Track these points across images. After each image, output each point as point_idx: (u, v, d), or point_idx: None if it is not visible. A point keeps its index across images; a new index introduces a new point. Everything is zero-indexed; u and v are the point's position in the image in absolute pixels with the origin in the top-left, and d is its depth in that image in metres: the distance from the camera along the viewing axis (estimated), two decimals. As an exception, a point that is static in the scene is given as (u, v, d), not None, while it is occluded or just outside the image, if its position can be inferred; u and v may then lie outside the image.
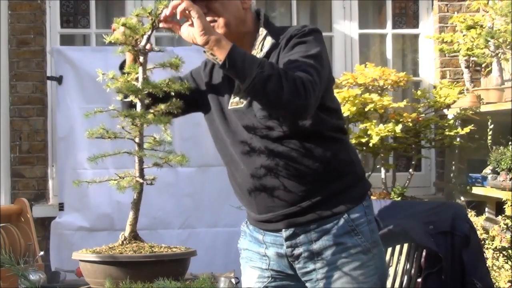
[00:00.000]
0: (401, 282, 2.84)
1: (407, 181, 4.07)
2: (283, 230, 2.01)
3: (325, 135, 1.98)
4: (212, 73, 2.12)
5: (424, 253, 2.83)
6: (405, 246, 2.87)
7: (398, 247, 2.85)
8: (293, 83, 1.79)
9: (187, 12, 1.82)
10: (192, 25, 1.83)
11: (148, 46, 1.86)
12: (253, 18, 2.05)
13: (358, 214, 2.00)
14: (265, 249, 2.07)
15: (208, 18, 1.96)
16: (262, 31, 2.02)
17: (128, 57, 1.95)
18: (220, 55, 1.81)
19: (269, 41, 2.00)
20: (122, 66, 2.00)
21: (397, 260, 2.85)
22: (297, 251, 2.00)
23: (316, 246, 1.98)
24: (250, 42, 2.02)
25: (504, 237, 3.56)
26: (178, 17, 1.84)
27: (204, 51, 1.93)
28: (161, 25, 1.87)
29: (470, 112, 3.94)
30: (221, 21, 1.96)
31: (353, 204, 2.00)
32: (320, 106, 1.94)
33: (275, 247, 2.04)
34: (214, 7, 1.96)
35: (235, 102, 2.01)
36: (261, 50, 1.99)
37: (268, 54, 1.98)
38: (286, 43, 1.96)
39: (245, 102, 1.98)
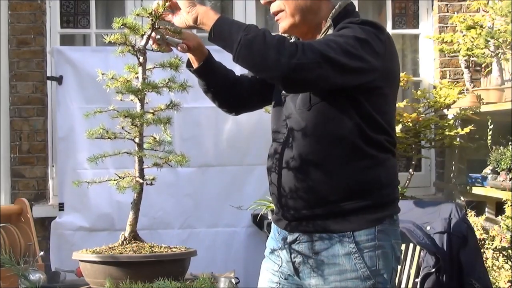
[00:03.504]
0: (399, 282, 2.84)
1: (407, 181, 4.07)
2: (288, 233, 1.95)
3: (357, 145, 1.83)
4: None
5: (422, 254, 2.83)
6: (403, 246, 2.87)
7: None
8: (280, 42, 1.68)
9: None
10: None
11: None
12: (329, 9, 1.91)
13: (366, 237, 1.83)
14: (279, 249, 2.00)
15: (275, 7, 1.92)
16: (327, 23, 1.89)
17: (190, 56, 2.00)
18: (209, 27, 1.78)
19: (330, 33, 1.87)
20: (188, 64, 2.04)
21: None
22: (297, 259, 1.92)
23: (313, 260, 1.88)
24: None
25: (504, 237, 3.56)
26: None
27: None
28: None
29: (470, 112, 3.94)
30: (287, 10, 1.89)
31: (362, 226, 1.83)
32: (360, 111, 1.82)
33: (284, 249, 1.98)
34: None
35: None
36: None
37: None
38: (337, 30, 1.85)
39: None
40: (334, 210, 1.85)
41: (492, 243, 3.56)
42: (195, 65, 2.05)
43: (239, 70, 1.99)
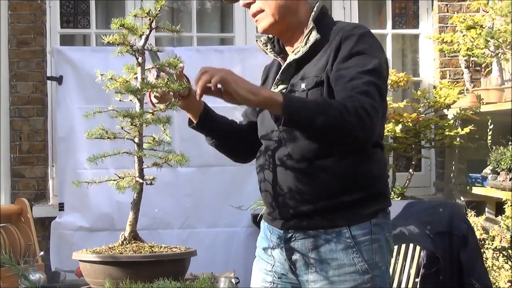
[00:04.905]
0: (399, 282, 2.84)
1: (407, 181, 4.07)
2: (283, 231, 1.96)
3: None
4: (268, 72, 2.12)
5: (422, 254, 2.82)
6: (403, 246, 2.87)
7: (395, 247, 2.85)
8: (357, 117, 1.71)
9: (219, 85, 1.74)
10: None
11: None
12: (307, 10, 1.96)
13: (362, 231, 1.87)
14: (271, 249, 2.02)
15: (255, 8, 1.95)
16: (310, 25, 1.93)
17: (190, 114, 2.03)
18: (275, 112, 1.74)
19: (314, 35, 1.91)
20: (190, 122, 2.06)
21: (395, 261, 2.85)
22: (294, 256, 1.94)
23: (311, 256, 1.90)
24: (301, 34, 1.95)
25: (504, 237, 3.56)
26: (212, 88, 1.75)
27: (256, 40, 2.05)
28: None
29: (470, 112, 3.94)
30: (268, 10, 1.92)
31: (358, 220, 1.87)
32: None
33: (277, 248, 1.99)
34: None
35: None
36: (305, 44, 1.91)
37: (312, 48, 1.90)
38: (338, 46, 1.86)
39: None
40: (330, 206, 1.88)
41: (492, 243, 3.57)
42: (195, 120, 2.06)
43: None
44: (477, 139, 4.06)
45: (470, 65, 4.33)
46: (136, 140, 1.84)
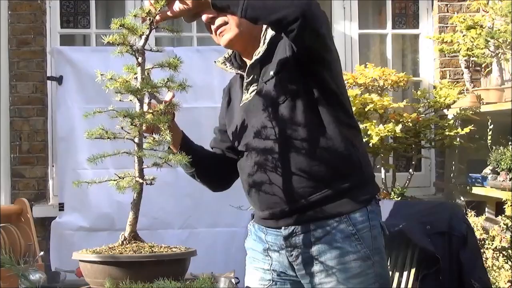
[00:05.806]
0: (399, 282, 2.84)
1: (407, 181, 4.07)
2: (283, 228, 1.99)
3: (330, 129, 1.93)
4: (230, 93, 2.16)
5: (421, 253, 2.82)
6: (403, 246, 2.87)
7: (395, 247, 2.85)
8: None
9: None
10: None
11: None
12: None
13: (361, 219, 1.93)
14: (267, 249, 2.05)
15: (219, 21, 2.00)
16: (263, 27, 2.02)
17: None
18: None
19: (269, 32, 1.99)
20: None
21: (395, 261, 2.85)
22: (295, 252, 1.97)
23: (314, 248, 1.94)
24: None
25: (504, 237, 3.56)
26: None
27: (215, 61, 2.07)
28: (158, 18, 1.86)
29: (470, 112, 3.94)
30: (232, 23, 1.98)
31: (356, 207, 1.93)
32: (324, 89, 1.92)
33: (276, 247, 2.02)
34: None
35: (245, 99, 2.02)
36: (264, 43, 2.00)
37: (271, 45, 1.97)
38: None
39: (252, 94, 1.99)
40: (326, 196, 1.92)
41: (492, 243, 3.57)
42: (175, 150, 2.08)
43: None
44: (477, 139, 4.06)
45: (470, 65, 4.33)
46: (136, 140, 1.84)
